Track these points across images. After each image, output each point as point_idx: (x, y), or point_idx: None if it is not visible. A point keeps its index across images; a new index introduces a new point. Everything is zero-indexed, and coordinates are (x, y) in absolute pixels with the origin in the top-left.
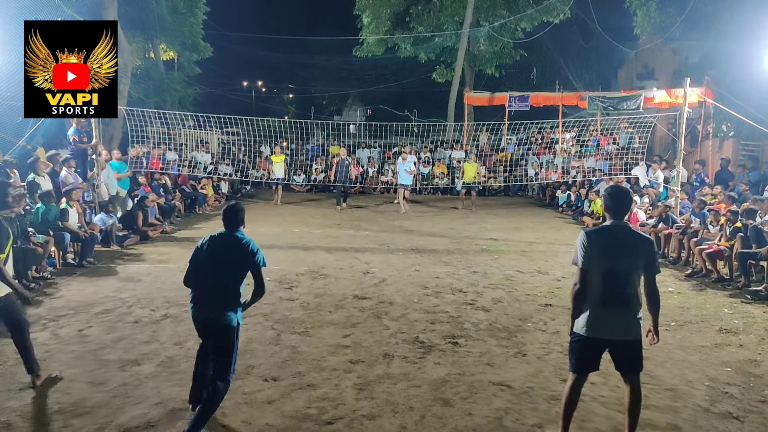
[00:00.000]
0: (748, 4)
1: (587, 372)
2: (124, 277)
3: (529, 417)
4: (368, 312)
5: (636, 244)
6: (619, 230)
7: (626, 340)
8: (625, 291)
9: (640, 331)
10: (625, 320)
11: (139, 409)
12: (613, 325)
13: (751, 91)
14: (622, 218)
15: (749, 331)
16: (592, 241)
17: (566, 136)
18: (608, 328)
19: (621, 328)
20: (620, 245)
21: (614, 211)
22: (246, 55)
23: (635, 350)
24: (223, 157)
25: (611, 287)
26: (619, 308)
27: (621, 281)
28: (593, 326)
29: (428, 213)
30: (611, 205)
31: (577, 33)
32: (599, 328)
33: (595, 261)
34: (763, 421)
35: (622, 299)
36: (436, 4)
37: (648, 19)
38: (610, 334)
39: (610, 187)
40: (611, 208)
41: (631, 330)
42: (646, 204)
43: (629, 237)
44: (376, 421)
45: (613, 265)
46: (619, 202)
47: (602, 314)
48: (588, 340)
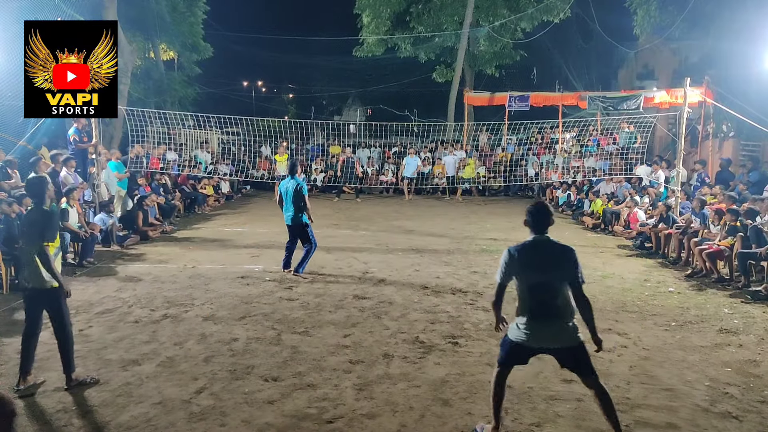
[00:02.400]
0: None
1: (512, 366)
2: (125, 277)
3: (528, 416)
4: (368, 312)
5: (558, 257)
6: (540, 245)
7: (565, 347)
8: (554, 302)
9: (577, 336)
10: (559, 329)
11: (140, 408)
12: (548, 335)
13: (751, 91)
14: (543, 233)
15: (749, 331)
16: (514, 258)
17: (566, 136)
18: (544, 338)
19: (556, 338)
20: (544, 259)
21: (535, 227)
22: (246, 55)
23: (579, 355)
24: (223, 157)
25: (539, 300)
26: (550, 319)
27: (548, 294)
28: (527, 337)
29: (428, 213)
30: (531, 222)
31: (577, 33)
32: (533, 339)
33: (519, 276)
34: (762, 421)
35: (551, 311)
36: (436, 4)
37: (648, 18)
38: (546, 343)
39: (531, 204)
40: (532, 225)
41: (566, 337)
42: (646, 204)
43: (551, 250)
44: (375, 421)
45: (538, 279)
46: (539, 218)
47: (535, 327)
48: (521, 345)
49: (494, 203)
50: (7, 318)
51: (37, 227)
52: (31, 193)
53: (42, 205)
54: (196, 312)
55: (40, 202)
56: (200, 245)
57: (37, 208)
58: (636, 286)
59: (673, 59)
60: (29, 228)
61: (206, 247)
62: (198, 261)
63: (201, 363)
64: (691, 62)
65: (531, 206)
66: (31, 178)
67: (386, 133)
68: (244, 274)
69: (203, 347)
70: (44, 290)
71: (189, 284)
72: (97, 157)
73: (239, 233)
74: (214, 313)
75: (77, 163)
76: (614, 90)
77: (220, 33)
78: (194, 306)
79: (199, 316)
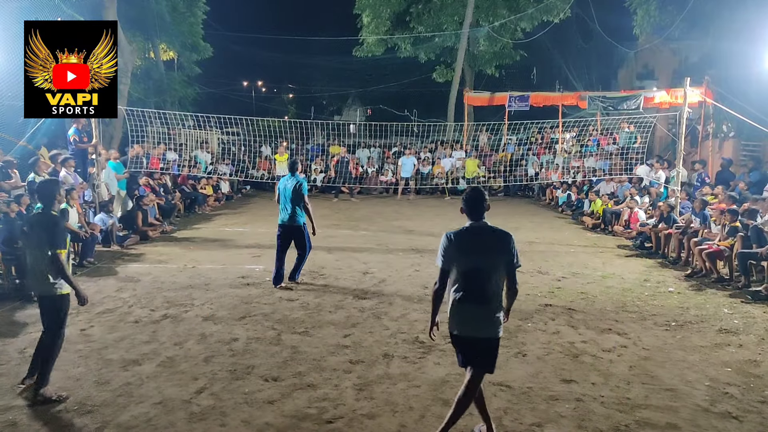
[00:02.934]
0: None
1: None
2: (125, 277)
3: (528, 416)
4: (368, 312)
5: (495, 242)
6: (478, 230)
7: (484, 338)
8: (485, 289)
9: (498, 330)
10: (486, 317)
11: (140, 408)
12: (476, 322)
13: (752, 91)
14: (480, 219)
15: (749, 331)
16: (452, 242)
17: (566, 136)
18: (472, 326)
19: (480, 326)
20: (480, 244)
21: (471, 213)
22: (246, 55)
23: (490, 348)
24: (222, 157)
25: (472, 285)
26: (479, 305)
27: (481, 279)
28: (460, 324)
29: (428, 213)
30: (467, 208)
31: (577, 33)
32: (465, 326)
33: (455, 261)
34: (762, 421)
35: (482, 297)
36: (436, 4)
37: (648, 18)
38: (470, 332)
39: (466, 191)
40: (468, 211)
41: (489, 328)
42: (646, 204)
43: (489, 236)
44: (375, 421)
45: (473, 264)
46: (475, 204)
47: (465, 312)
48: (459, 338)
49: (494, 203)
50: (8, 318)
51: (44, 233)
52: (41, 195)
53: (50, 209)
54: (196, 312)
55: (49, 205)
56: (200, 245)
57: (44, 212)
58: (636, 286)
59: (673, 59)
60: (34, 232)
61: (206, 247)
62: (198, 261)
63: (201, 363)
64: (691, 62)
65: (466, 193)
66: (44, 180)
67: (386, 133)
68: (244, 274)
69: (203, 347)
70: (48, 297)
71: (189, 284)
72: (97, 157)
73: (240, 233)
74: (214, 313)
75: (77, 163)
76: (614, 90)
77: (220, 33)
78: (194, 306)
79: (199, 316)
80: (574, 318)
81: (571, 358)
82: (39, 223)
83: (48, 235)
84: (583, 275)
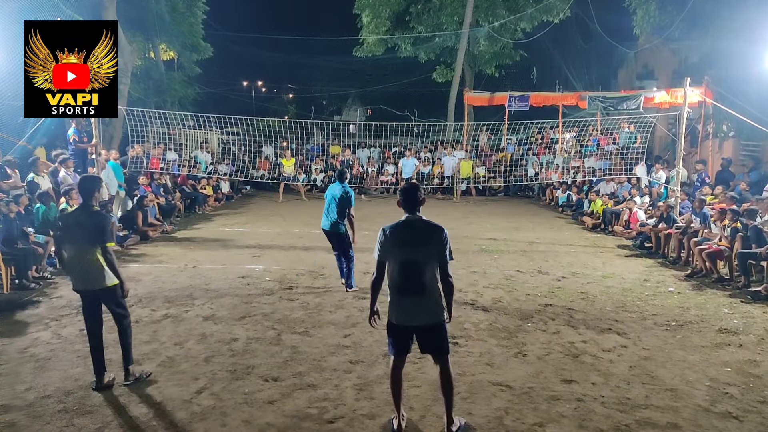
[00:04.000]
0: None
1: (403, 354)
2: (125, 277)
3: (530, 416)
4: (368, 312)
5: (428, 235)
6: (412, 224)
7: (428, 325)
8: (421, 279)
9: (441, 315)
10: (424, 306)
11: (140, 408)
12: (414, 311)
13: (751, 91)
14: (414, 212)
15: (749, 331)
16: (387, 235)
17: (566, 136)
18: (410, 315)
19: (421, 314)
20: (413, 237)
21: (406, 206)
22: (246, 55)
23: (438, 333)
24: (222, 157)
25: (407, 277)
26: (416, 296)
27: (416, 271)
28: (398, 314)
29: (428, 213)
30: (403, 201)
31: (577, 33)
32: (402, 315)
33: (390, 253)
34: (762, 421)
35: (418, 288)
36: (435, 4)
37: (647, 18)
38: (412, 321)
39: (402, 186)
40: (403, 204)
41: (431, 315)
42: (646, 204)
43: (422, 229)
44: (376, 421)
45: (408, 256)
46: (409, 197)
47: (402, 302)
48: (397, 327)
49: (494, 203)
50: (8, 318)
51: (93, 229)
52: (82, 191)
53: (91, 206)
54: (196, 312)
55: (89, 202)
56: (201, 245)
57: (85, 209)
58: (636, 286)
59: (673, 59)
60: (79, 229)
61: (207, 247)
62: (198, 261)
63: (201, 363)
64: (690, 62)
65: (402, 187)
66: (84, 176)
67: (386, 133)
68: (244, 274)
69: (203, 347)
70: (103, 289)
71: (189, 284)
72: (97, 157)
73: (240, 233)
74: (214, 313)
75: (77, 163)
76: (614, 90)
77: (220, 33)
78: (194, 306)
79: (199, 316)
80: (574, 318)
81: (571, 358)
82: (84, 220)
83: (95, 230)
84: (583, 275)
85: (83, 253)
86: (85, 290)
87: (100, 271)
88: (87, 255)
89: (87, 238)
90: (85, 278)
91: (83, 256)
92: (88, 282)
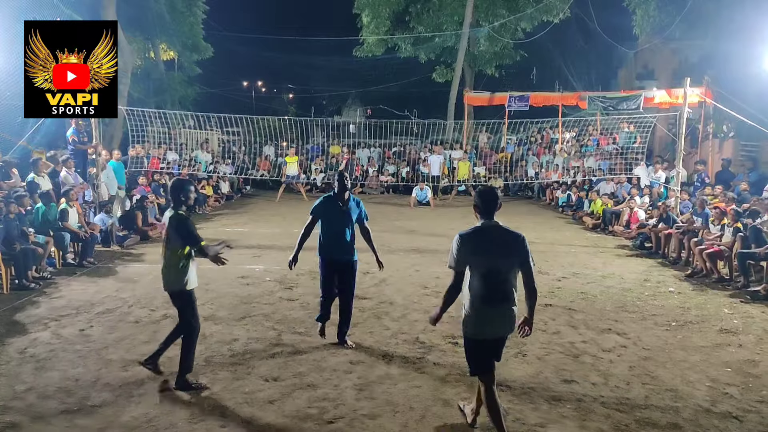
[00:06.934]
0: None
1: (493, 369)
2: (124, 277)
3: (531, 417)
4: (368, 312)
5: (509, 242)
6: (491, 230)
7: (507, 335)
8: (504, 288)
9: (514, 326)
10: (509, 316)
11: (140, 408)
12: (499, 322)
13: (751, 91)
14: (492, 217)
15: (748, 331)
16: (466, 243)
17: (566, 136)
18: (493, 326)
19: (503, 324)
20: (494, 245)
21: (484, 211)
22: (246, 55)
23: (503, 343)
24: (223, 157)
25: (491, 286)
26: (500, 305)
27: (500, 279)
28: (484, 327)
29: (429, 213)
30: (481, 206)
31: (577, 33)
32: (489, 327)
33: (471, 262)
34: (762, 421)
35: (501, 296)
36: (435, 4)
37: (647, 18)
38: (498, 332)
39: (479, 189)
40: (481, 209)
41: (512, 324)
42: (646, 204)
43: (502, 236)
44: (376, 421)
45: (491, 264)
46: (488, 202)
47: (488, 313)
48: (483, 342)
49: None
50: (8, 318)
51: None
52: (172, 194)
53: (179, 209)
54: None
55: (178, 205)
56: None
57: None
58: (636, 286)
59: (673, 59)
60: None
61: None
62: (198, 261)
63: (201, 363)
64: (690, 62)
65: (480, 191)
66: (174, 180)
67: (386, 133)
68: (244, 274)
69: (203, 347)
70: (178, 291)
71: None
72: (97, 157)
73: (240, 233)
74: (214, 313)
75: (77, 163)
76: (614, 90)
77: (220, 33)
78: None
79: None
80: (574, 318)
81: (571, 358)
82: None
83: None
84: (583, 275)
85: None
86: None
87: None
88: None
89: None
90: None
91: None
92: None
